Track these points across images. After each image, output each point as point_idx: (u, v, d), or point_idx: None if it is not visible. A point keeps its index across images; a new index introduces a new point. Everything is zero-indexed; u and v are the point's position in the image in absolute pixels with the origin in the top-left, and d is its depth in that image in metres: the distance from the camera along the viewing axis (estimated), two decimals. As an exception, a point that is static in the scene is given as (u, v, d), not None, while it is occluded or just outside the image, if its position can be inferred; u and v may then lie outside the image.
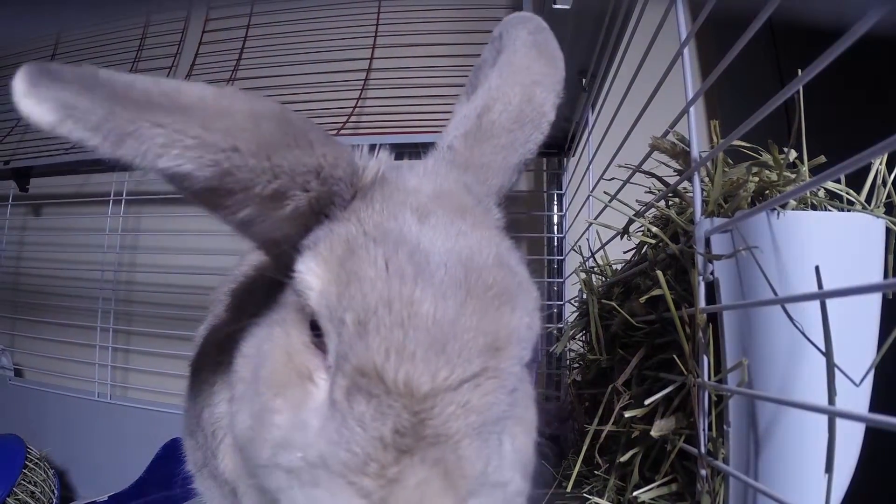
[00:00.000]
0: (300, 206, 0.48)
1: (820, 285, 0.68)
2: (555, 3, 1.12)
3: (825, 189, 0.81)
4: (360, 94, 2.24)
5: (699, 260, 0.75)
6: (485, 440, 0.44)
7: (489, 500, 0.44)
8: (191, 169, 0.41)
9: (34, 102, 0.38)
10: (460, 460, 0.42)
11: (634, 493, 0.83)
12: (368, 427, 0.41)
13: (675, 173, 0.95)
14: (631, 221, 1.03)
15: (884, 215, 0.78)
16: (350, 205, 0.51)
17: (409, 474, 0.40)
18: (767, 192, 0.80)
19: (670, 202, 0.95)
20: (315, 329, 0.48)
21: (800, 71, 0.56)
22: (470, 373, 0.43)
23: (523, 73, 0.64)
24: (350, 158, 0.51)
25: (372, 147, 0.57)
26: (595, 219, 1.22)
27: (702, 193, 0.78)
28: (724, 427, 0.73)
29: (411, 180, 0.55)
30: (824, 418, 0.68)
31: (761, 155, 0.84)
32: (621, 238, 1.08)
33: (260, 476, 0.49)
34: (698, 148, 0.80)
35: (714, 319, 0.75)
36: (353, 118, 2.19)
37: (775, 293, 0.70)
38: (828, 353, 0.67)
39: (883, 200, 0.81)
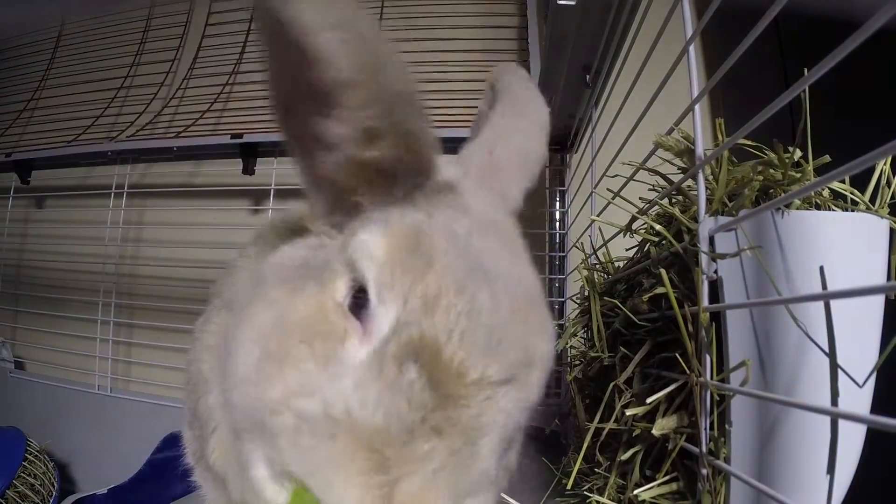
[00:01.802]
0: (382, 159, 0.49)
1: (824, 285, 0.67)
2: (559, -1, 1.11)
3: (829, 189, 0.80)
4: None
5: (703, 258, 0.75)
6: (500, 441, 0.46)
7: (484, 498, 0.45)
8: (336, 59, 0.44)
9: None
10: (474, 456, 0.43)
11: (635, 492, 0.83)
12: (414, 396, 0.42)
13: (679, 171, 0.95)
14: (634, 219, 1.03)
15: (888, 216, 0.78)
16: (418, 197, 0.53)
17: (432, 457, 0.41)
18: (772, 190, 0.80)
19: (674, 200, 0.94)
20: (357, 299, 0.48)
21: (806, 70, 0.55)
22: (509, 377, 0.45)
23: (526, 113, 0.71)
24: (435, 153, 0.53)
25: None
26: (598, 215, 1.22)
27: (706, 191, 0.77)
28: (726, 426, 0.73)
29: (466, 195, 0.57)
30: (827, 418, 0.68)
31: (766, 154, 0.84)
32: (624, 235, 1.08)
33: (255, 418, 0.47)
34: (703, 146, 0.80)
35: (717, 318, 0.75)
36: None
37: (779, 293, 0.70)
38: (831, 354, 0.67)
39: (887, 201, 0.81)
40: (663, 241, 0.89)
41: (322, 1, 0.44)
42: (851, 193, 0.80)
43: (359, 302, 0.48)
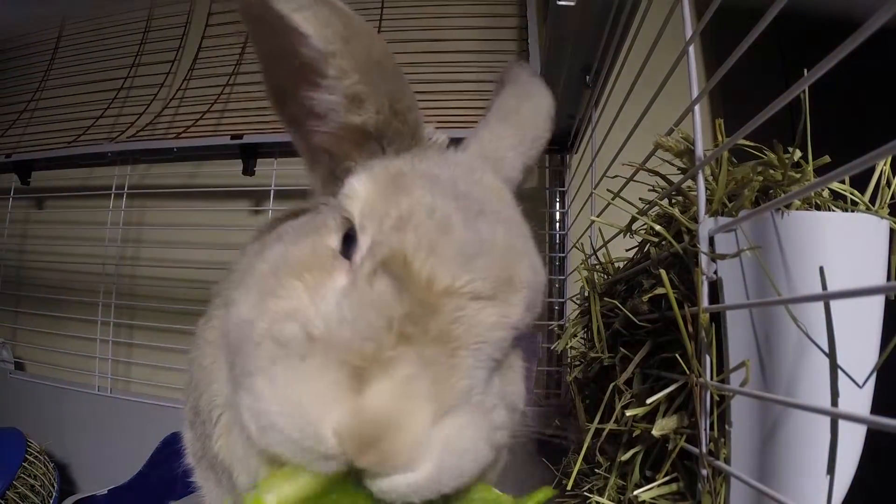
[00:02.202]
0: (368, 123, 0.54)
1: (824, 286, 0.67)
2: (559, 0, 1.11)
3: (829, 189, 0.80)
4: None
5: (703, 259, 0.75)
6: (479, 361, 0.46)
7: (469, 420, 0.45)
8: (311, 32, 0.50)
9: None
10: (452, 368, 0.44)
11: (635, 493, 0.83)
12: (383, 304, 0.43)
13: (679, 172, 0.95)
14: (634, 219, 1.03)
15: (888, 216, 0.78)
16: (405, 152, 0.57)
17: (401, 363, 0.41)
18: (772, 191, 0.80)
19: (674, 200, 0.94)
20: (346, 242, 0.51)
21: (805, 70, 0.55)
22: (485, 292, 0.46)
23: (527, 96, 0.77)
24: (419, 114, 0.58)
25: None
26: (598, 216, 1.22)
27: (706, 192, 0.77)
28: (726, 427, 0.73)
29: (457, 156, 0.63)
30: (826, 419, 0.68)
31: (765, 154, 0.84)
32: (624, 236, 1.08)
33: (243, 357, 0.48)
34: (703, 146, 0.80)
35: (717, 319, 0.75)
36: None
37: (779, 293, 0.70)
38: (831, 354, 0.67)
39: (887, 201, 0.81)
40: (663, 242, 0.89)
41: None
42: (851, 194, 0.80)
43: (349, 244, 0.51)
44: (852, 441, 0.71)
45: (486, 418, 0.47)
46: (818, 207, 0.78)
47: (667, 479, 0.82)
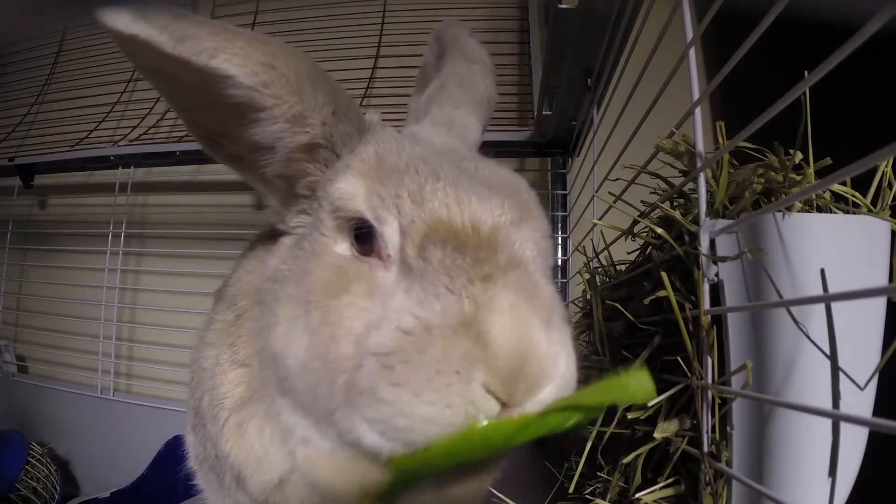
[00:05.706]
0: (316, 136, 0.54)
1: (825, 288, 0.67)
2: (560, 3, 1.11)
3: (831, 191, 0.80)
4: (368, 84, 2.23)
5: (704, 261, 0.75)
6: (545, 271, 0.52)
7: (561, 321, 0.49)
8: (235, 73, 0.49)
9: (112, 9, 0.46)
10: (536, 286, 0.48)
11: (637, 495, 0.83)
12: (450, 267, 0.46)
13: (680, 174, 0.95)
14: (635, 222, 1.03)
15: (889, 218, 0.78)
16: (361, 141, 0.57)
17: (499, 298, 0.45)
18: (773, 193, 0.80)
19: (675, 203, 0.94)
20: (359, 239, 0.52)
21: (806, 72, 0.55)
22: (516, 217, 0.50)
23: (473, 59, 0.79)
24: (357, 107, 0.58)
25: None
26: (599, 219, 1.22)
27: (707, 195, 0.77)
28: (728, 429, 0.73)
29: (412, 130, 0.66)
30: (828, 421, 0.67)
31: (766, 157, 0.84)
32: (625, 239, 1.08)
33: (341, 386, 0.47)
34: (704, 149, 0.80)
35: (718, 321, 0.75)
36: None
37: (780, 295, 0.70)
38: (832, 356, 0.67)
39: (889, 203, 0.81)
40: (665, 245, 0.89)
41: (204, 30, 0.49)
42: (853, 196, 0.80)
43: (362, 242, 0.52)
44: (854, 443, 0.71)
45: (567, 328, 0.51)
46: (819, 209, 0.78)
47: (669, 481, 0.82)
